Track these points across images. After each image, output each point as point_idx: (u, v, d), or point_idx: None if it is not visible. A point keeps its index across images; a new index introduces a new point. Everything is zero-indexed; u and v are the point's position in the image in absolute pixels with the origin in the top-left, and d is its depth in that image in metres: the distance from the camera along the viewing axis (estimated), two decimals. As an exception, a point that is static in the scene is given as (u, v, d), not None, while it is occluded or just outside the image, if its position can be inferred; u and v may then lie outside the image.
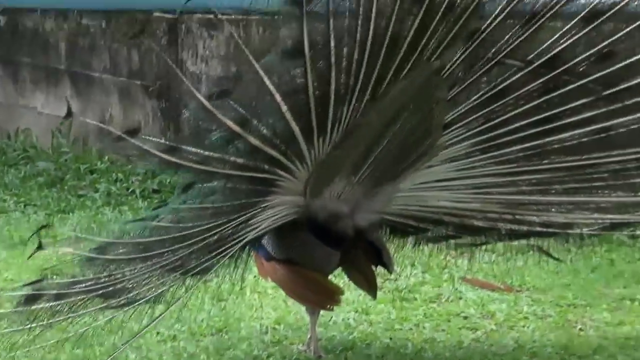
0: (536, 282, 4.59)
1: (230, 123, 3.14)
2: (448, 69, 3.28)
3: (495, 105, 3.38)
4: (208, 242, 3.29)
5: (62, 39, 7.48)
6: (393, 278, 4.50)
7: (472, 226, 3.56)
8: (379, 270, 3.61)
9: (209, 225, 3.28)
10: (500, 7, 3.24)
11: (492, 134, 3.42)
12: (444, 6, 3.14)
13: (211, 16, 3.38)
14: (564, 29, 3.30)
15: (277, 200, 3.31)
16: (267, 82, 3.09)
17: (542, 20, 3.27)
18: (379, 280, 3.72)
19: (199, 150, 3.20)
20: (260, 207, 3.29)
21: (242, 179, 3.24)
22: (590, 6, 3.29)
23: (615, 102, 3.42)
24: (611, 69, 3.36)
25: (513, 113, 3.40)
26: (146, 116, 6.69)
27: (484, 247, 3.74)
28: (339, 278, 3.90)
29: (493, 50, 3.29)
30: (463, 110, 3.39)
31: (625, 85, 3.39)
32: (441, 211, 3.50)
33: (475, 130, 3.41)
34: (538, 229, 3.58)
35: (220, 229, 3.28)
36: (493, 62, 3.31)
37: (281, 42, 3.14)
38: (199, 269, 3.31)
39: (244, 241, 3.32)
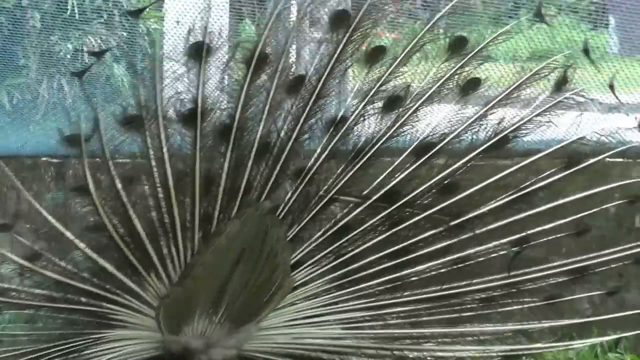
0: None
1: (15, 257, 3.09)
2: (283, 207, 3.18)
3: (341, 241, 3.27)
4: None
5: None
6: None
7: None
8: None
9: (28, 350, 3.18)
10: (321, 146, 3.15)
11: (345, 269, 3.30)
12: (256, 146, 3.09)
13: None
14: (395, 164, 3.21)
15: (122, 333, 3.20)
16: (51, 219, 3.06)
17: (368, 156, 3.17)
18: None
19: None
20: (91, 339, 3.18)
21: (57, 310, 3.18)
22: (418, 140, 3.21)
23: (466, 232, 3.31)
24: (455, 199, 3.26)
25: (362, 248, 3.29)
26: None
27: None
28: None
29: (325, 187, 3.19)
30: (310, 248, 3.27)
31: (473, 214, 3.29)
32: (318, 348, 3.34)
33: (327, 267, 3.29)
34: None
35: (43, 355, 3.17)
36: (326, 199, 3.20)
37: (66, 180, 3.12)
38: None
39: None
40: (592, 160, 3.36)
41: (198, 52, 2.97)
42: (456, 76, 3.21)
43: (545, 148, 3.30)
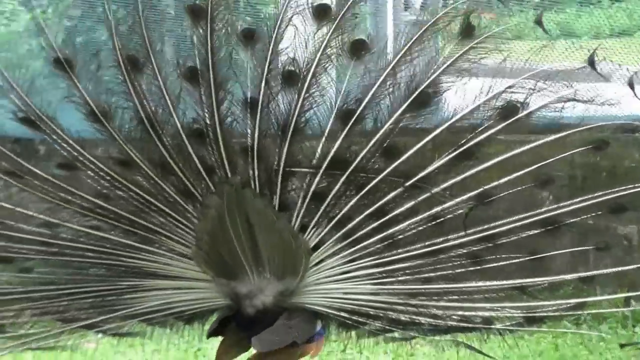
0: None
1: None
2: (254, 182, 3.31)
3: (324, 205, 3.36)
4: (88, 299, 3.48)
5: None
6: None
7: (397, 319, 3.51)
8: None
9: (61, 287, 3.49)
10: (249, 126, 3.28)
11: (344, 229, 3.40)
12: (184, 133, 3.28)
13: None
14: (326, 134, 3.29)
15: (167, 283, 3.45)
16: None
17: (292, 130, 3.25)
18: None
19: None
20: (128, 285, 3.46)
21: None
22: (337, 109, 3.28)
23: (424, 191, 3.36)
24: (400, 161, 3.30)
25: (345, 210, 3.37)
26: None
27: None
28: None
29: (276, 162, 3.31)
30: (301, 214, 3.38)
31: (422, 174, 3.32)
32: (364, 304, 3.48)
33: (327, 228, 3.40)
34: (454, 324, 3.50)
35: (76, 293, 3.48)
36: (283, 171, 3.31)
37: None
38: (85, 322, 3.51)
39: (135, 309, 3.47)
40: (529, 110, 3.27)
41: (61, 65, 3.27)
42: (333, 42, 3.23)
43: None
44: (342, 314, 3.47)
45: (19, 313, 3.49)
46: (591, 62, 3.37)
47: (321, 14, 3.25)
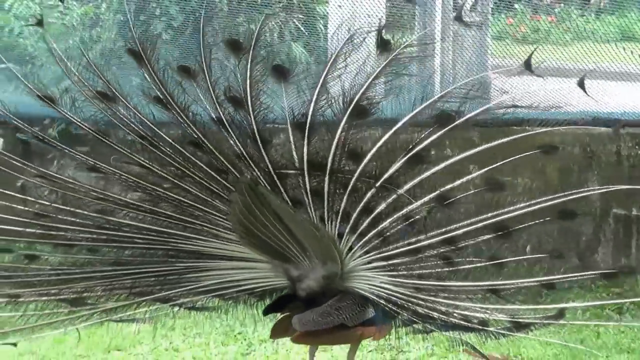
0: (530, 352, 4.66)
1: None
2: (260, 179, 3.57)
3: (325, 203, 3.57)
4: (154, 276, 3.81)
5: None
6: (406, 350, 4.82)
7: (417, 312, 3.66)
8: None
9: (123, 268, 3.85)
10: (229, 137, 3.57)
11: (349, 224, 3.60)
12: (181, 145, 3.63)
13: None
14: (291, 140, 3.52)
15: (229, 264, 3.75)
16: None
17: (260, 141, 3.51)
18: (391, 354, 4.18)
19: None
20: (186, 266, 3.79)
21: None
22: (292, 117, 3.49)
23: (392, 192, 3.54)
24: (363, 165, 3.50)
25: (342, 208, 3.58)
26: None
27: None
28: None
29: (267, 166, 3.56)
30: (313, 208, 3.59)
31: (385, 177, 3.51)
32: (391, 293, 3.65)
33: (338, 222, 3.60)
34: (457, 321, 3.63)
35: (137, 273, 3.83)
36: (275, 173, 3.56)
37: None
38: (154, 296, 3.85)
39: (200, 286, 3.80)
40: (465, 117, 3.36)
41: (45, 100, 3.68)
42: (255, 70, 3.46)
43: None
44: (382, 301, 3.65)
45: (88, 288, 3.85)
46: (527, 65, 3.39)
47: (234, 47, 3.51)
